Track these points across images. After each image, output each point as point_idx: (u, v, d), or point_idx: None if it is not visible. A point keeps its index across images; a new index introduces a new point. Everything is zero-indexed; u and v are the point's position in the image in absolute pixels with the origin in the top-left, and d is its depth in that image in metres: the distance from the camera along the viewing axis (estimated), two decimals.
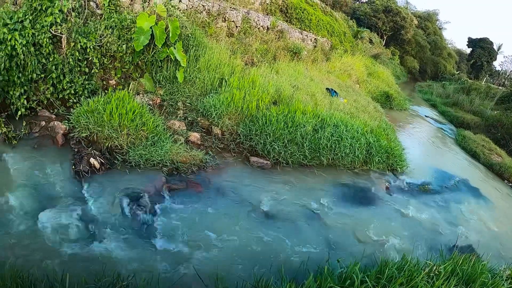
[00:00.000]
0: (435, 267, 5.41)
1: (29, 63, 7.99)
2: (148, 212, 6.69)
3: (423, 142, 16.43)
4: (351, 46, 24.70)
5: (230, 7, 14.45)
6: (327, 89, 14.75)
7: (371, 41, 35.30)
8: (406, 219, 8.59)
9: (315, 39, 19.41)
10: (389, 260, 5.75)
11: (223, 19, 14.00)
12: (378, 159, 10.46)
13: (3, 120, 7.68)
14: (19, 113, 8.01)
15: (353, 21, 36.68)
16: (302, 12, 20.76)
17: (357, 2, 49.29)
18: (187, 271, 5.58)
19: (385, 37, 42.64)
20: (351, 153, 10.00)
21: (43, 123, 8.23)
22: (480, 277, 5.65)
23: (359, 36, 29.70)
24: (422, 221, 8.66)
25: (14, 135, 7.62)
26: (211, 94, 10.30)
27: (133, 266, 5.41)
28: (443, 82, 40.48)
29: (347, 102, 14.28)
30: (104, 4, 9.46)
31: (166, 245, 6.04)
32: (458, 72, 53.68)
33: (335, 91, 14.76)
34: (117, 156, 7.76)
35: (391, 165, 10.83)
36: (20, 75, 7.95)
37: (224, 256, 6.03)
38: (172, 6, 10.66)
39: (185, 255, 5.89)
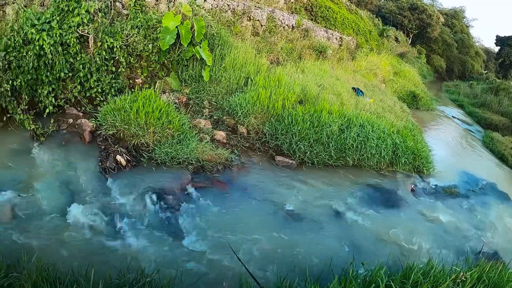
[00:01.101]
0: (461, 274, 5.27)
1: (57, 62, 8.19)
2: (173, 210, 6.75)
3: (449, 143, 16.04)
4: (376, 44, 24.31)
5: (255, 6, 14.43)
6: (353, 88, 14.57)
7: (397, 40, 34.65)
8: (432, 222, 8.39)
9: (341, 37, 19.20)
10: (414, 265, 5.64)
11: (248, 18, 13.99)
12: (404, 161, 10.24)
13: (32, 117, 7.90)
14: (47, 110, 8.23)
15: (378, 19, 36.10)
16: (327, 11, 20.56)
17: (382, 0, 48.58)
18: (210, 270, 5.61)
19: (411, 36, 41.81)
20: (377, 154, 9.83)
21: (71, 120, 8.42)
22: (507, 286, 5.48)
23: (384, 35, 29.19)
24: (447, 225, 8.44)
25: (42, 132, 7.84)
26: (236, 93, 10.32)
27: (156, 263, 5.47)
28: (471, 81, 39.45)
29: (373, 101, 14.07)
30: (130, 5, 9.60)
31: (189, 243, 6.08)
32: (486, 72, 52.10)
33: (361, 91, 14.57)
34: (143, 154, 7.86)
35: (417, 167, 10.59)
36: (48, 74, 8.17)
37: (248, 255, 6.02)
38: (197, 6, 10.73)
39: (209, 254, 5.91)
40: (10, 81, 7.62)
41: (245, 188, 7.83)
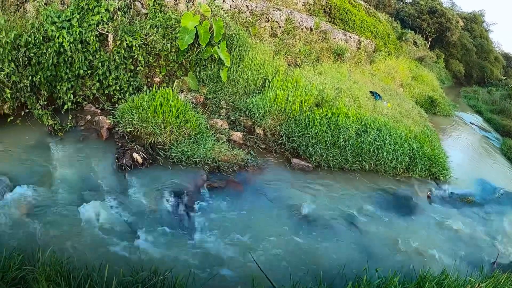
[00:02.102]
0: (476, 285, 5.18)
1: (76, 60, 8.28)
2: (188, 209, 6.78)
3: (467, 150, 15.76)
4: (395, 48, 24.10)
5: (273, 8, 14.40)
6: (371, 92, 14.45)
7: (415, 43, 34.29)
8: (447, 230, 8.25)
9: (359, 40, 19.08)
10: (428, 274, 5.57)
11: (267, 19, 13.97)
12: (421, 167, 10.10)
13: (50, 113, 8.01)
14: (66, 107, 8.34)
15: (397, 23, 35.72)
16: (346, 13, 20.44)
17: (401, 3, 48.05)
18: (222, 270, 5.60)
19: (429, 39, 41.32)
20: (394, 159, 9.71)
21: (89, 117, 8.52)
22: None
23: (403, 38, 28.92)
24: (462, 234, 8.28)
25: (60, 127, 7.97)
26: (254, 94, 10.31)
27: (169, 261, 5.48)
28: (489, 87, 38.83)
29: (391, 106, 13.94)
30: (149, 4, 9.65)
31: (203, 243, 6.08)
32: (505, 78, 51.21)
33: (378, 95, 14.44)
34: (160, 152, 7.91)
35: (433, 173, 10.42)
36: (68, 71, 8.27)
37: (261, 257, 5.99)
38: (216, 6, 10.75)
39: (222, 254, 5.91)
40: (30, 77, 7.74)
41: (260, 189, 7.79)
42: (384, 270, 5.85)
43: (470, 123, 21.78)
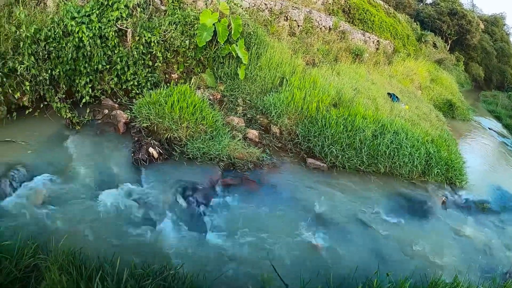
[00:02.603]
0: None
1: (95, 54, 8.36)
2: (202, 205, 6.79)
3: (484, 156, 15.49)
4: (414, 49, 23.83)
5: (292, 6, 14.35)
6: (389, 94, 14.31)
7: (435, 45, 33.82)
8: (460, 237, 8.10)
9: (378, 41, 18.91)
10: (440, 280, 5.49)
11: (285, 18, 13.92)
12: (437, 171, 9.91)
13: (68, 106, 8.11)
14: (84, 100, 8.44)
15: (417, 24, 35.33)
16: (365, 13, 20.29)
17: (421, 4, 47.45)
18: (233, 266, 5.60)
19: (449, 42, 40.74)
20: (410, 162, 9.56)
21: (106, 111, 8.61)
22: None
23: (422, 40, 28.59)
24: (476, 242, 8.10)
25: (78, 120, 8.08)
26: (271, 93, 10.27)
27: (181, 256, 5.49)
28: (509, 92, 38.23)
29: (409, 108, 13.78)
30: (168, 1, 9.71)
31: (215, 239, 6.08)
32: None
33: (396, 97, 14.29)
34: (176, 148, 7.94)
35: (449, 179, 10.21)
36: (86, 65, 8.35)
37: (272, 256, 5.97)
38: (235, 4, 10.74)
39: (233, 251, 5.91)
40: (49, 71, 7.85)
41: (274, 188, 7.77)
42: (395, 274, 5.78)
43: (489, 128, 21.43)
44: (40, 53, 7.70)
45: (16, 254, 4.13)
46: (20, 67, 7.37)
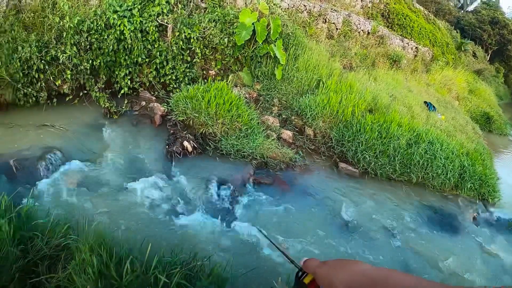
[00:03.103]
0: None
1: (136, 48, 8.54)
2: (232, 200, 6.83)
3: None
4: (453, 58, 23.26)
5: (331, 9, 14.28)
6: (425, 102, 14.03)
7: (474, 55, 32.99)
8: (489, 256, 7.81)
9: (416, 47, 18.57)
10: None
11: (324, 20, 13.86)
12: (470, 186, 9.55)
13: (107, 96, 8.36)
14: (122, 91, 8.66)
15: (457, 32, 34.48)
16: (404, 19, 19.94)
17: (462, 11, 46.27)
18: (260, 264, 5.59)
19: (489, 52, 39.65)
20: (443, 174, 9.29)
21: (143, 103, 8.78)
22: None
23: (462, 48, 27.87)
24: (506, 262, 7.82)
25: (115, 110, 8.31)
26: (307, 94, 10.25)
27: (209, 248, 5.53)
28: None
29: (445, 118, 13.48)
30: None
31: (244, 235, 6.10)
32: None
33: (433, 106, 13.99)
34: (210, 143, 8.03)
35: (482, 194, 9.82)
36: (127, 57, 8.55)
37: (298, 258, 5.95)
38: (274, 4, 10.78)
39: (260, 249, 5.90)
40: (90, 61, 8.10)
41: (305, 190, 7.76)
42: None
43: None
44: (82, 44, 7.96)
45: (48, 233, 4.25)
46: (62, 56, 7.63)
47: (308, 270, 1.34)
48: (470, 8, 46.90)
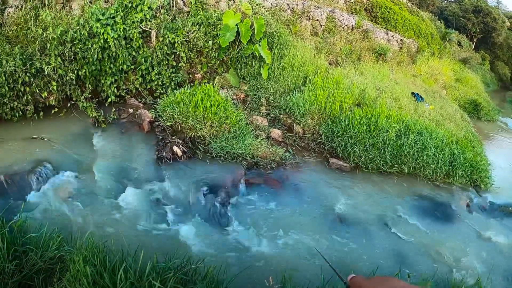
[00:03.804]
0: None
1: (120, 55, 8.54)
2: (224, 202, 6.84)
3: (510, 158, 15.13)
4: (438, 48, 23.40)
5: (315, 6, 14.32)
6: (413, 93, 14.12)
7: (459, 44, 33.21)
8: (484, 241, 7.89)
9: (401, 40, 18.68)
10: (462, 284, 5.42)
11: (307, 17, 13.90)
12: (462, 173, 9.65)
13: (94, 105, 8.35)
14: (109, 100, 8.66)
15: (440, 22, 34.71)
16: (388, 12, 20.04)
17: (445, 1, 46.62)
18: (253, 263, 5.61)
19: (474, 40, 39.95)
20: (434, 163, 9.36)
21: (131, 110, 8.78)
22: None
23: (447, 38, 28.05)
24: (501, 246, 7.85)
25: (103, 119, 8.30)
26: (294, 92, 10.28)
27: (202, 252, 5.55)
28: None
29: (433, 108, 13.56)
30: (191, 2, 9.86)
31: (236, 236, 6.12)
32: None
33: (420, 96, 14.09)
34: (199, 146, 8.03)
35: (474, 181, 9.94)
36: (112, 65, 8.55)
37: (293, 254, 5.98)
38: (257, 4, 10.82)
39: (254, 249, 5.93)
40: (75, 71, 8.08)
41: (297, 187, 7.79)
42: (417, 276, 5.78)
43: None
44: (67, 54, 7.93)
45: (42, 246, 4.26)
46: (47, 67, 7.60)
47: (354, 285, 1.50)
48: None
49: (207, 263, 4.64)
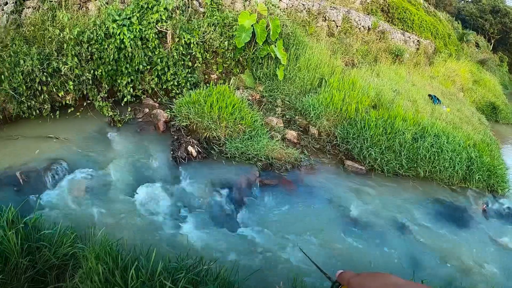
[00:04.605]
0: None
1: (136, 56, 8.60)
2: (238, 203, 6.84)
3: None
4: (456, 49, 23.07)
5: (330, 6, 14.24)
6: (430, 95, 13.94)
7: (477, 45, 32.73)
8: (500, 248, 7.69)
9: (418, 41, 18.46)
10: None
11: (323, 18, 13.83)
12: (479, 177, 9.42)
13: (110, 105, 8.43)
14: (125, 99, 8.74)
15: (458, 23, 34.21)
16: (405, 12, 19.83)
17: (462, 1, 45.99)
18: (265, 266, 5.57)
19: (492, 41, 39.32)
20: (450, 167, 9.19)
21: (147, 110, 8.83)
22: None
23: (464, 39, 27.63)
24: None
25: (119, 119, 8.37)
26: (310, 94, 10.23)
27: (215, 252, 5.55)
28: None
29: (450, 111, 13.36)
30: (207, 3, 9.87)
31: (250, 238, 6.09)
32: None
33: (437, 98, 13.89)
34: (214, 147, 8.03)
35: (491, 185, 9.67)
36: (128, 66, 8.61)
37: (305, 258, 5.93)
38: (273, 5, 10.77)
39: (267, 250, 5.90)
40: (92, 71, 8.19)
41: (311, 189, 7.74)
42: (431, 282, 5.68)
43: None
44: (83, 54, 8.03)
45: (55, 243, 4.30)
46: (64, 67, 7.70)
47: (343, 281, 1.44)
48: None
49: (219, 263, 4.64)
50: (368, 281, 1.31)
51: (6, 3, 8.61)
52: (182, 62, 9.25)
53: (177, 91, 9.31)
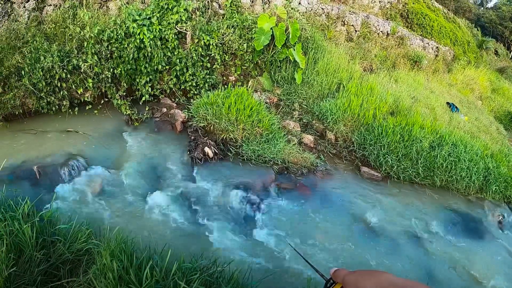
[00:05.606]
0: None
1: (155, 55, 8.64)
2: (254, 206, 6.84)
3: None
4: (475, 57, 22.76)
5: (350, 11, 14.17)
6: (448, 103, 13.79)
7: (496, 53, 32.25)
8: None
9: (437, 47, 18.26)
10: None
11: (342, 23, 13.77)
12: (495, 188, 9.30)
13: (128, 103, 8.49)
14: (143, 98, 8.80)
15: (477, 29, 33.74)
16: (424, 18, 19.62)
17: (482, 8, 45.37)
18: (279, 269, 5.58)
19: None
20: (467, 177, 9.07)
21: (164, 110, 8.87)
22: None
23: (484, 47, 27.23)
24: None
25: (137, 117, 8.45)
26: (328, 98, 10.20)
27: (229, 254, 5.56)
28: None
29: (468, 119, 13.22)
30: (226, 5, 9.89)
31: (264, 241, 6.10)
32: None
33: (456, 107, 13.73)
34: (231, 149, 8.06)
35: (508, 197, 9.57)
36: (147, 65, 8.67)
37: (320, 262, 5.91)
38: (292, 9, 10.76)
39: (282, 255, 5.89)
40: (111, 69, 8.26)
41: (327, 194, 7.71)
42: None
43: None
44: (103, 53, 8.11)
45: (70, 238, 4.36)
46: (84, 65, 7.79)
47: (337, 279, 1.42)
48: (490, 4, 46.12)
49: (233, 266, 4.64)
50: (364, 279, 1.28)
51: (28, 1, 8.72)
52: (201, 63, 9.30)
53: (195, 92, 9.35)
